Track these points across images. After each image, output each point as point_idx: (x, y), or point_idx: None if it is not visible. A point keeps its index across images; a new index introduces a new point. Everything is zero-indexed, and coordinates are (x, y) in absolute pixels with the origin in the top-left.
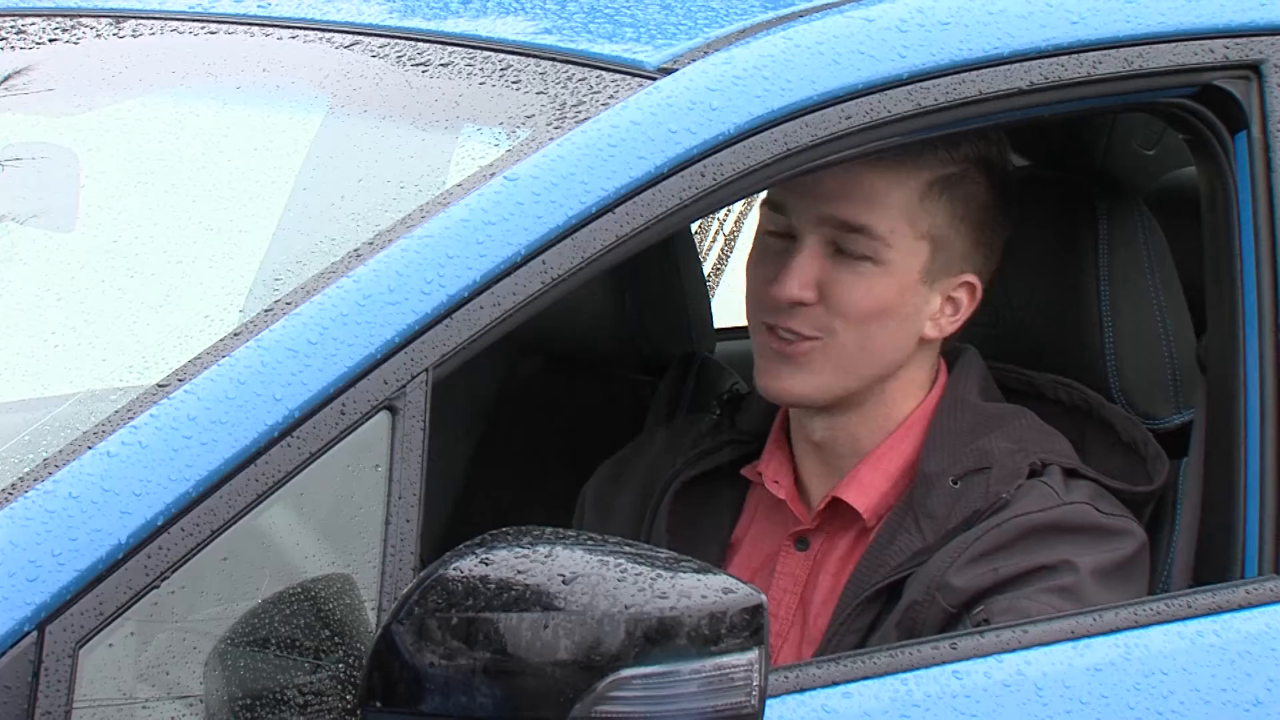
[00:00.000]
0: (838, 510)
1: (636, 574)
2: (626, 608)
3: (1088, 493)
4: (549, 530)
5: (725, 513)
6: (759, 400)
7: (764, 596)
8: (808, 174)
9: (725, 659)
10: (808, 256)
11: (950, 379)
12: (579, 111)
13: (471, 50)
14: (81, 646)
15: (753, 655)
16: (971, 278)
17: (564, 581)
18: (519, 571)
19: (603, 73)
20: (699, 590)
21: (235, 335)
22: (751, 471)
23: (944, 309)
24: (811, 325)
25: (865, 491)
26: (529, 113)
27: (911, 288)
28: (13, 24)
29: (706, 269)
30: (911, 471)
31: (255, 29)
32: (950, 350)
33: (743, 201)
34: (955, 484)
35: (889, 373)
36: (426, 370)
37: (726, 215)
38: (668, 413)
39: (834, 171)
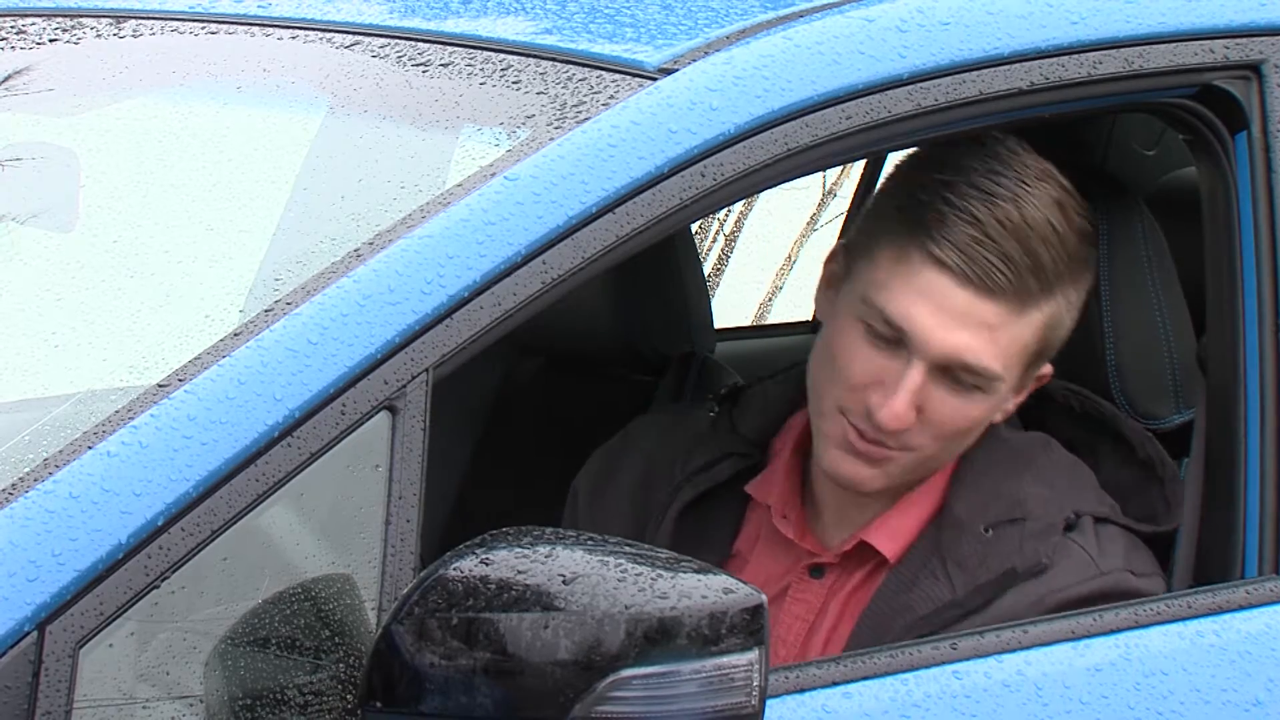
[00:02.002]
0: (860, 547)
1: (637, 574)
2: (627, 608)
3: (1121, 550)
4: (549, 530)
5: (727, 525)
6: (760, 400)
7: (764, 596)
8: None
9: (725, 659)
10: (920, 385)
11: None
12: (579, 111)
13: (472, 50)
14: (82, 646)
15: (753, 655)
16: (1048, 368)
17: (564, 581)
18: (519, 571)
19: (603, 73)
20: (699, 590)
21: (235, 335)
22: (756, 492)
23: (1019, 398)
24: (901, 441)
25: (895, 537)
26: (529, 113)
27: (1005, 398)
28: (13, 24)
29: (706, 269)
30: (938, 508)
31: (255, 29)
32: None
33: (743, 201)
34: (987, 532)
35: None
36: (426, 370)
37: (726, 215)
38: (689, 403)
39: (958, 299)
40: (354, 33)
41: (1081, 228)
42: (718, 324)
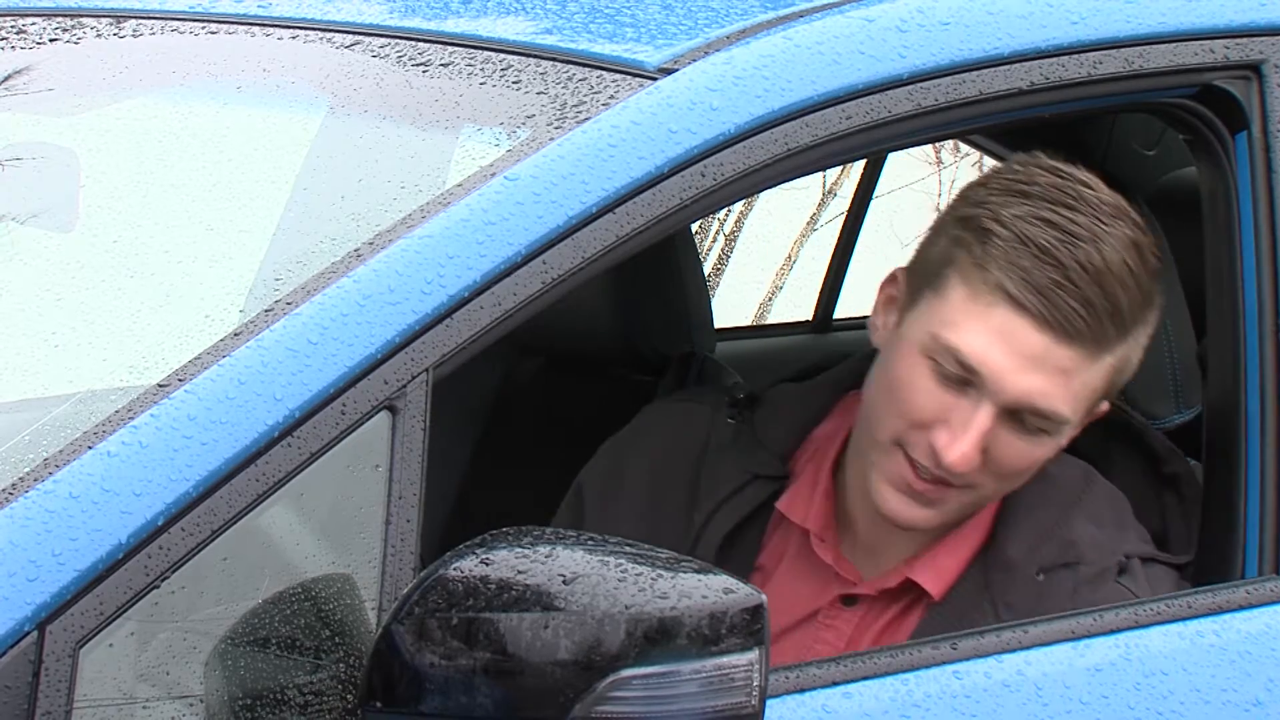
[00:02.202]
0: (902, 582)
1: (637, 574)
2: (627, 608)
3: (1169, 590)
4: (549, 530)
5: (752, 539)
6: (782, 407)
7: (764, 596)
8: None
9: (725, 659)
10: (988, 429)
11: None
12: (579, 111)
13: (472, 50)
14: (82, 646)
15: (753, 655)
16: (1105, 404)
17: (564, 581)
18: (519, 571)
19: (603, 73)
20: (699, 590)
21: (235, 335)
22: (791, 511)
23: (1073, 434)
24: (963, 480)
25: (941, 575)
26: (529, 113)
27: (1068, 435)
28: (13, 24)
29: (706, 269)
30: (984, 544)
31: (255, 29)
32: None
33: (743, 201)
34: (1039, 576)
35: None
36: (426, 370)
37: (726, 215)
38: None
39: (1033, 341)
40: (354, 33)
41: (1154, 268)
42: (718, 324)
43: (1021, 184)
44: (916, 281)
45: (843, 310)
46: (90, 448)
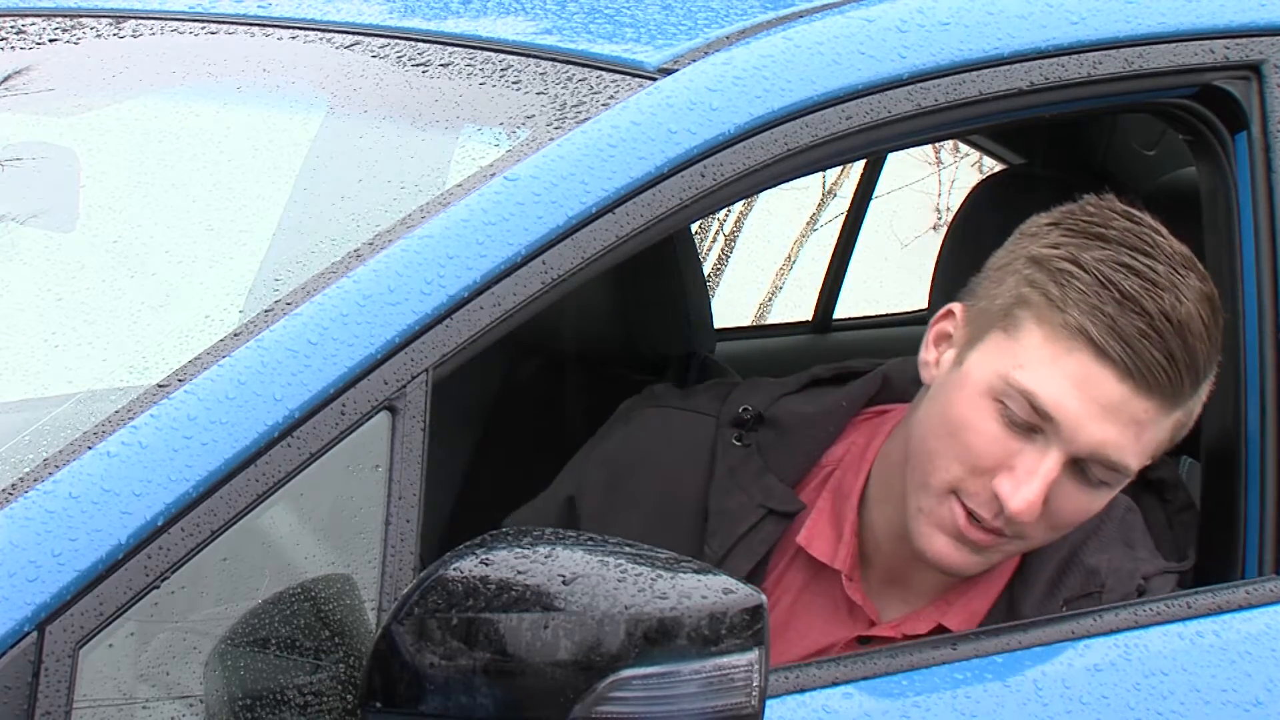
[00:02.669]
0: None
1: (636, 574)
2: (626, 608)
3: None
4: (549, 530)
5: (758, 567)
6: (790, 431)
7: (764, 597)
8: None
9: (725, 659)
10: (1055, 479)
11: None
12: (579, 112)
13: (471, 50)
14: (81, 646)
15: (752, 656)
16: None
17: (564, 582)
18: (519, 572)
19: (603, 73)
20: (699, 591)
21: (235, 335)
22: (815, 549)
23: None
24: (1018, 530)
25: (972, 619)
26: (529, 113)
27: (1119, 489)
28: (13, 24)
29: (706, 269)
30: (1011, 579)
31: (255, 29)
32: None
33: (743, 201)
34: (1064, 608)
35: None
36: (426, 370)
37: (726, 215)
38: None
39: (1111, 390)
40: (354, 33)
41: (1221, 320)
42: (718, 324)
43: (1098, 227)
44: (982, 320)
45: (842, 310)
46: (90, 448)
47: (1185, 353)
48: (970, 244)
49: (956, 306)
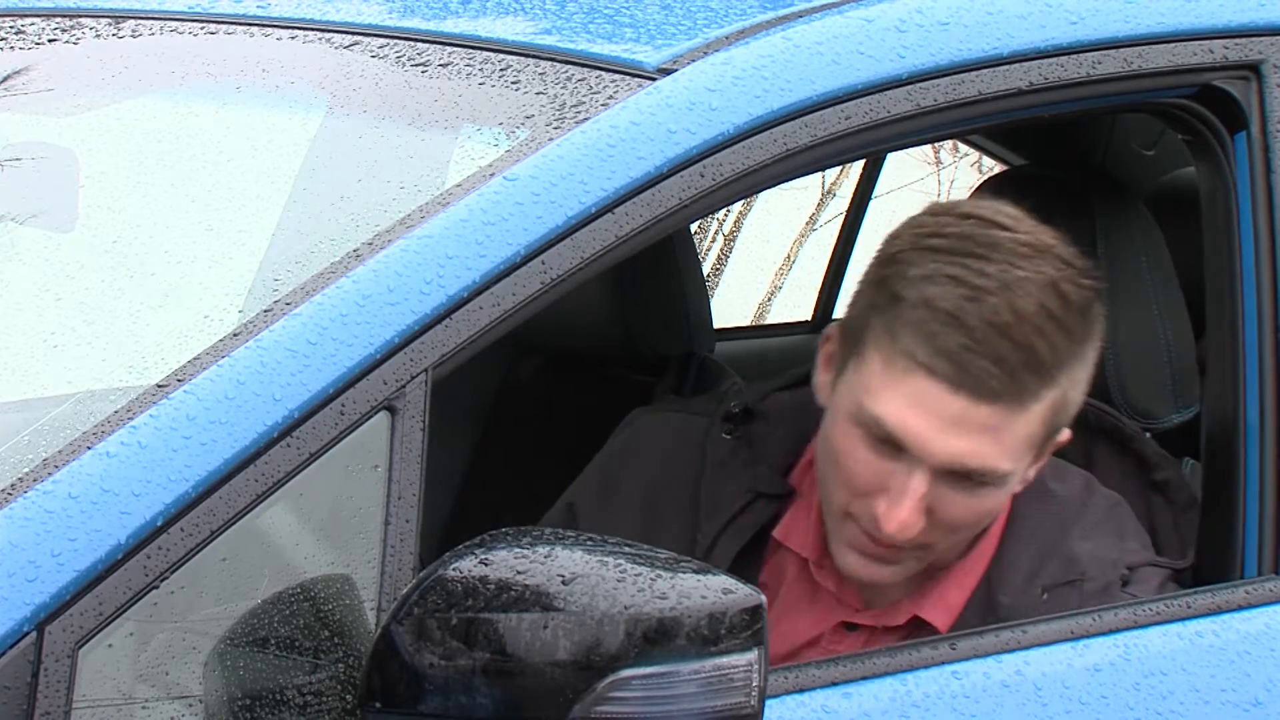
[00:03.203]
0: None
1: (636, 574)
2: (626, 608)
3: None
4: (549, 530)
5: (752, 560)
6: (778, 422)
7: (763, 597)
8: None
9: (725, 659)
10: (924, 493)
11: None
12: (578, 112)
13: (471, 50)
14: (81, 647)
15: (752, 656)
16: (1066, 433)
17: (563, 582)
18: (518, 572)
19: (602, 73)
20: (699, 591)
21: (235, 336)
22: (786, 539)
23: (1035, 464)
24: (914, 542)
25: (949, 609)
26: (528, 113)
27: (1017, 479)
28: (13, 24)
29: (706, 269)
30: (990, 568)
31: (255, 29)
32: None
33: (742, 201)
34: (1044, 595)
35: None
36: (426, 370)
37: (726, 215)
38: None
39: (953, 405)
40: (353, 33)
41: (1083, 301)
42: (718, 324)
43: (930, 237)
44: (845, 345)
45: (842, 310)
46: (89, 448)
47: (1019, 352)
48: None
49: (834, 329)
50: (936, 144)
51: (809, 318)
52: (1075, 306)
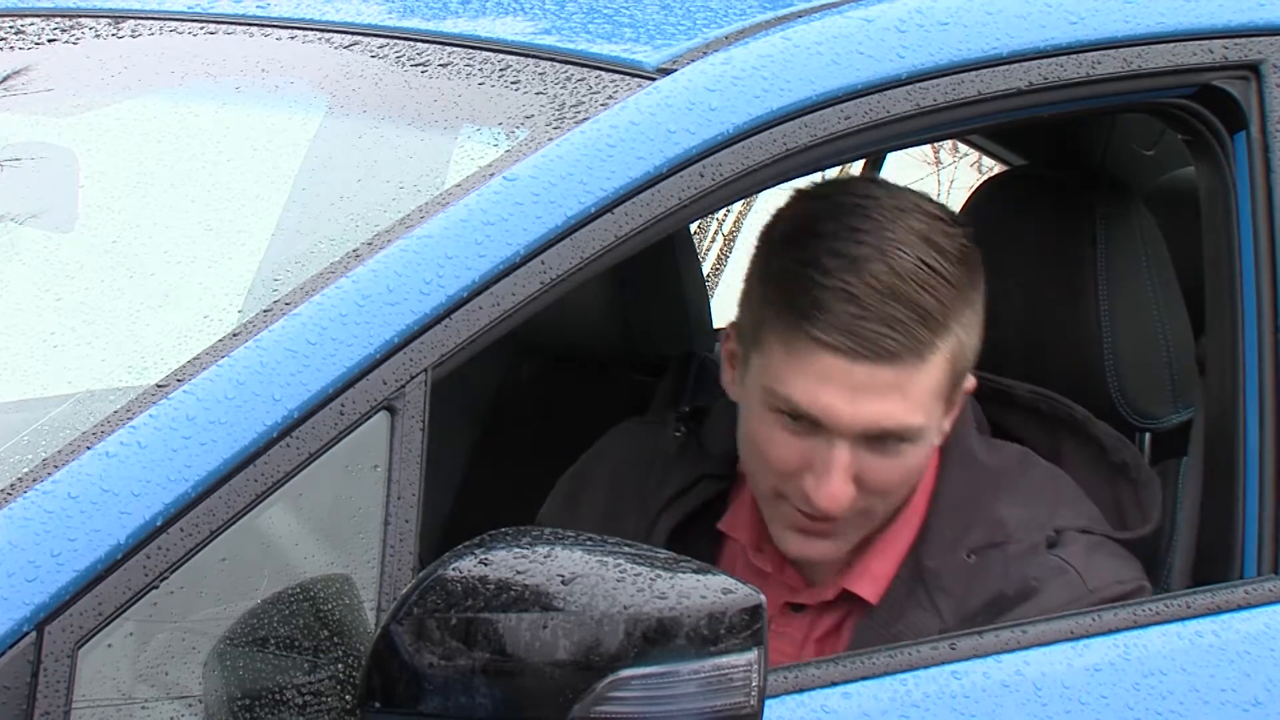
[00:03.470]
0: (842, 592)
1: (635, 574)
2: (625, 608)
3: (1108, 564)
4: (548, 530)
5: (705, 556)
6: (724, 416)
7: (763, 597)
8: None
9: (724, 659)
10: (848, 463)
11: (952, 428)
12: (578, 112)
13: (471, 50)
14: (81, 647)
15: (752, 656)
16: (971, 381)
17: (563, 582)
18: (518, 572)
19: (602, 73)
20: (698, 590)
21: (234, 336)
22: (728, 528)
23: (953, 413)
24: (850, 509)
25: (876, 581)
26: (528, 113)
27: (937, 431)
28: (12, 24)
29: (706, 269)
30: (917, 537)
31: (255, 29)
32: None
33: (742, 201)
34: (969, 558)
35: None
36: (426, 370)
37: (726, 215)
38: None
39: (859, 373)
40: (353, 33)
41: (957, 248)
42: (717, 324)
43: (803, 221)
44: (743, 341)
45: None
46: (89, 448)
47: (909, 308)
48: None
49: (730, 328)
50: (936, 144)
51: None
52: (951, 255)
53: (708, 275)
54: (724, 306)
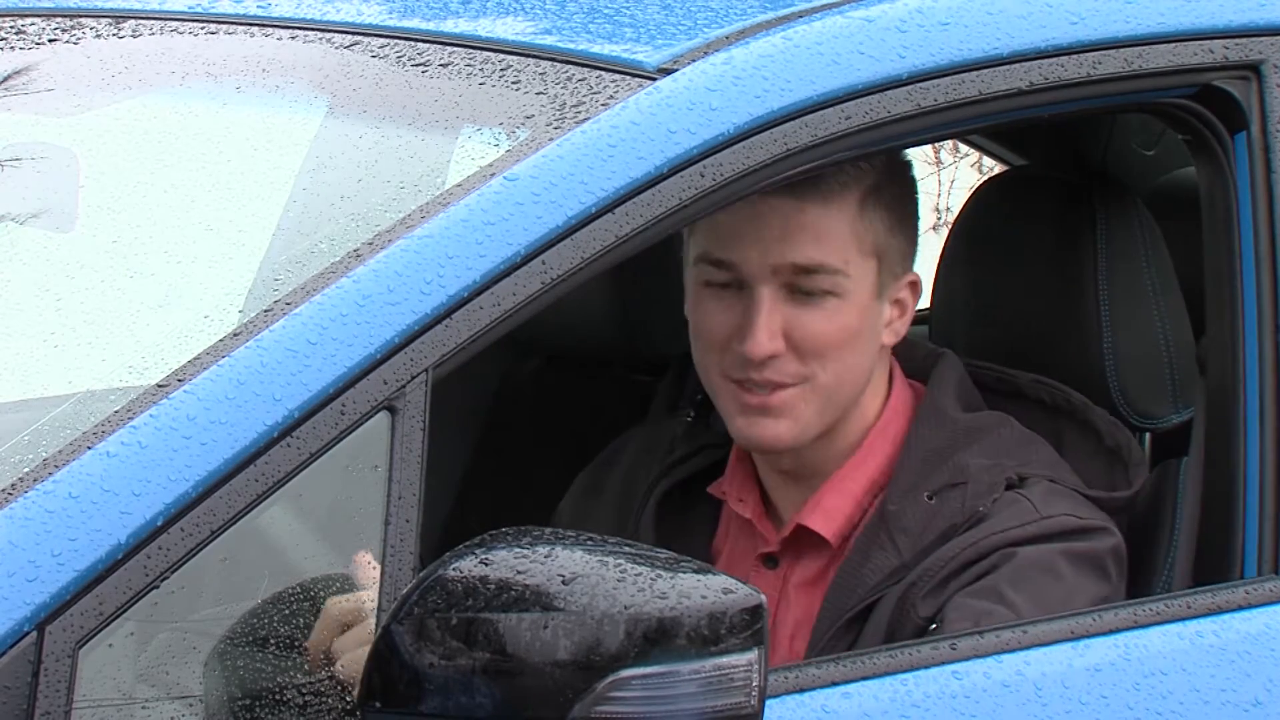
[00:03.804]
0: (805, 531)
1: (636, 574)
2: (626, 608)
3: (1067, 504)
4: (549, 530)
5: (704, 524)
6: None
7: (764, 597)
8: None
9: (725, 659)
10: (770, 307)
11: (929, 387)
12: (578, 112)
13: (471, 50)
14: (81, 647)
15: (752, 655)
16: (913, 276)
17: (564, 582)
18: (519, 572)
19: (602, 73)
20: (699, 590)
21: (235, 335)
22: (718, 489)
23: (894, 313)
24: (786, 373)
25: (831, 517)
26: (529, 113)
27: (869, 306)
28: (13, 24)
29: None
30: (880, 486)
31: (255, 29)
32: (928, 354)
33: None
34: (930, 499)
35: (861, 391)
36: (426, 370)
37: None
38: (667, 413)
39: (773, 216)
40: (353, 33)
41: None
42: None
43: None
44: (685, 246)
45: None
46: (90, 448)
47: None
48: (972, 245)
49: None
50: (936, 144)
51: None
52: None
53: None
54: None
